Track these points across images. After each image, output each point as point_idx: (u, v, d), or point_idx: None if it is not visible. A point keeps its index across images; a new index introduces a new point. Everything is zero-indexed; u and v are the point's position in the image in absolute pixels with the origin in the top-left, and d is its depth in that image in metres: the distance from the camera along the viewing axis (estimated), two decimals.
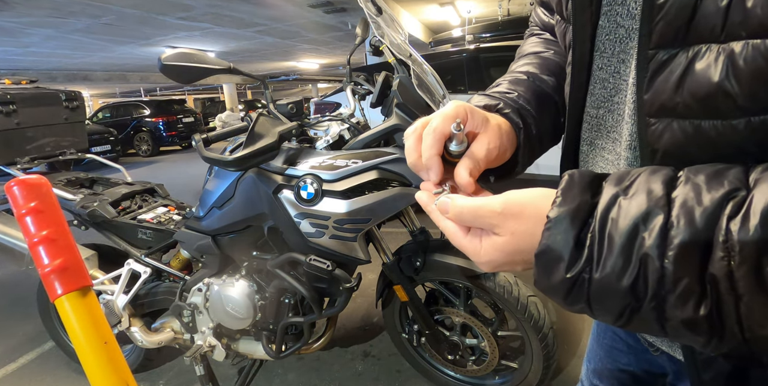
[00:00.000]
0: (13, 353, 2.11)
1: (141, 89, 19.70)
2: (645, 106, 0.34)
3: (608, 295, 0.29)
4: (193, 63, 1.02)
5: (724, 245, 0.25)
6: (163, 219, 1.65)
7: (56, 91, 2.05)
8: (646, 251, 0.27)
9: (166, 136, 10.77)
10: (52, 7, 5.53)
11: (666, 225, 0.27)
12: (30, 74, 10.44)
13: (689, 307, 0.26)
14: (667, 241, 0.27)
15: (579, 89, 0.46)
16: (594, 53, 0.43)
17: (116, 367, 0.55)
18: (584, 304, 0.31)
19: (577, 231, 0.30)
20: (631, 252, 0.28)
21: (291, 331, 1.48)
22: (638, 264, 0.28)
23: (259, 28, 7.91)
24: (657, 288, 0.27)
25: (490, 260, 0.36)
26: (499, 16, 7.69)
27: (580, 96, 0.46)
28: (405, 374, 1.75)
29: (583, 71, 0.45)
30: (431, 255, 1.38)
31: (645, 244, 0.27)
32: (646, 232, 0.28)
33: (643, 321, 0.29)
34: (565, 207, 0.31)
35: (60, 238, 0.57)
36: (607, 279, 0.29)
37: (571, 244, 0.30)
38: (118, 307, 1.47)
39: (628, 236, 0.28)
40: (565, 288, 0.31)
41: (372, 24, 1.10)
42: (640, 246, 0.28)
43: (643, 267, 0.27)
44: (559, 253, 0.31)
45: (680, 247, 0.26)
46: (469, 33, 5.20)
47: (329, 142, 1.28)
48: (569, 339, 1.89)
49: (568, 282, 0.31)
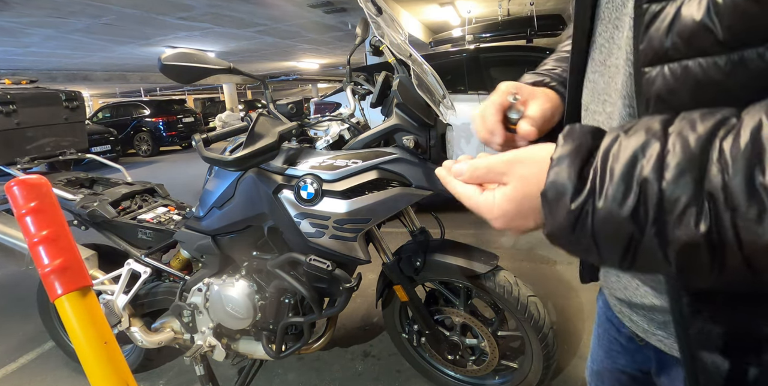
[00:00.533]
0: (13, 353, 2.11)
1: (141, 89, 19.69)
2: (640, 57, 0.36)
3: (611, 225, 0.30)
4: (193, 63, 1.02)
5: (719, 161, 0.27)
6: (163, 219, 1.65)
7: (56, 91, 2.05)
8: (645, 176, 0.29)
9: (166, 136, 10.77)
10: (52, 7, 5.53)
11: (663, 152, 0.29)
12: (30, 74, 10.44)
13: (689, 226, 0.27)
14: (664, 165, 0.29)
15: (579, 55, 0.49)
16: (595, 21, 0.46)
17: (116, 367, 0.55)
18: (590, 239, 0.32)
19: (580, 167, 0.32)
20: (631, 179, 0.29)
21: (291, 331, 1.48)
22: (638, 189, 0.29)
23: (259, 28, 7.91)
24: (657, 211, 0.28)
25: (504, 212, 0.38)
26: (499, 16, 7.68)
27: (580, 62, 0.49)
28: (405, 374, 1.75)
29: (584, 38, 0.47)
30: (431, 255, 1.38)
31: (644, 171, 0.29)
32: (644, 160, 0.29)
33: (648, 253, 0.30)
34: (568, 146, 0.33)
35: (60, 238, 0.57)
36: (609, 207, 0.30)
37: (575, 178, 0.32)
38: (118, 307, 1.47)
39: (627, 165, 0.30)
40: (570, 222, 0.32)
41: (372, 24, 1.10)
42: (640, 173, 0.29)
43: (643, 192, 0.29)
44: (563, 187, 0.32)
45: (677, 169, 0.28)
46: (469, 33, 5.20)
47: (329, 142, 1.28)
48: (569, 339, 1.89)
49: (573, 215, 0.32)
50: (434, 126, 1.15)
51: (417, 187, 1.16)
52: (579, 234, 0.33)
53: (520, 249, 2.96)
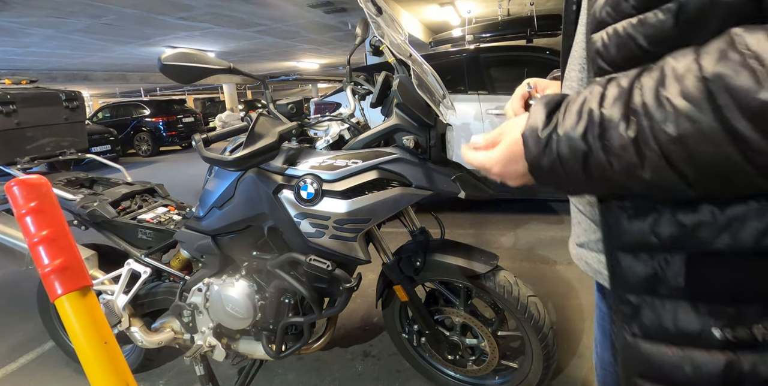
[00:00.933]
0: (14, 353, 2.11)
1: (141, 89, 19.68)
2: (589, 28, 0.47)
3: (569, 146, 0.43)
4: (193, 63, 1.02)
5: (639, 88, 0.38)
6: (163, 219, 1.65)
7: (56, 91, 2.05)
8: (590, 107, 0.41)
9: (166, 136, 10.76)
10: (52, 7, 5.53)
11: (604, 91, 0.41)
12: (30, 74, 10.44)
13: (622, 135, 0.39)
14: (604, 98, 0.41)
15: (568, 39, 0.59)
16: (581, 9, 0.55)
17: (116, 367, 0.55)
18: (557, 162, 0.44)
19: (549, 111, 0.46)
20: (582, 111, 0.42)
21: (291, 331, 1.48)
22: (586, 117, 0.42)
23: (259, 28, 7.91)
24: (600, 129, 0.40)
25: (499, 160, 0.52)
26: (499, 16, 7.67)
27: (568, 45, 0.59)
28: (405, 374, 1.75)
29: (570, 25, 0.57)
30: (431, 255, 1.38)
31: (590, 104, 0.42)
32: (590, 97, 0.42)
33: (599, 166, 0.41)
34: (540, 102, 0.48)
35: (60, 238, 0.57)
36: (566, 132, 0.43)
37: (544, 117, 0.46)
38: (118, 307, 1.47)
39: (579, 104, 0.43)
40: (541, 149, 0.45)
41: (372, 24, 1.10)
42: (587, 106, 0.42)
43: (590, 118, 0.41)
44: (535, 125, 0.46)
45: (611, 98, 0.40)
46: (469, 33, 5.19)
47: (329, 142, 1.28)
48: (569, 339, 1.89)
49: (542, 143, 0.45)
50: (434, 126, 1.15)
51: (417, 187, 1.16)
52: (548, 159, 0.45)
53: (520, 249, 2.96)
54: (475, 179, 1.22)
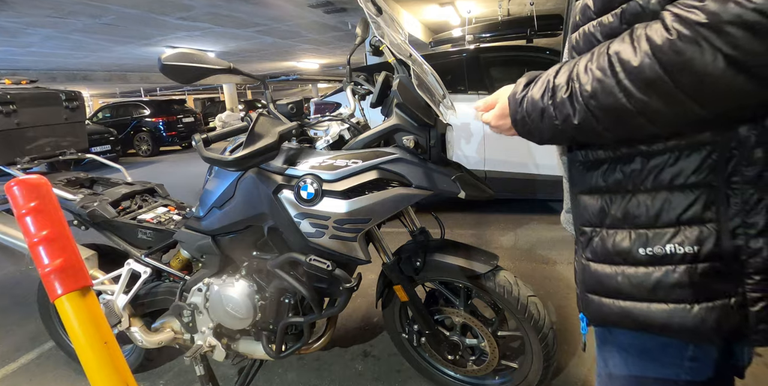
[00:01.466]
0: (14, 353, 2.11)
1: (141, 89, 19.67)
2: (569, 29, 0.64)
3: (533, 104, 0.61)
4: (193, 63, 1.02)
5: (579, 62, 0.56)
6: (163, 219, 1.65)
7: (56, 91, 2.05)
8: (548, 78, 0.60)
9: (166, 136, 10.76)
10: (52, 7, 5.53)
11: (559, 68, 0.59)
12: (30, 74, 10.45)
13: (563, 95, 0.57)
14: (558, 72, 0.59)
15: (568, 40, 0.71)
16: None
17: (116, 367, 0.55)
18: (525, 113, 0.63)
19: (527, 82, 0.65)
20: (546, 80, 0.60)
21: (291, 331, 1.48)
22: (545, 84, 0.60)
23: (259, 28, 7.90)
24: (551, 92, 0.58)
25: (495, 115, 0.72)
26: (499, 16, 7.67)
27: None
28: (405, 374, 1.75)
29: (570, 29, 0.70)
30: (431, 255, 1.38)
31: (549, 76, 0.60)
32: (551, 72, 0.60)
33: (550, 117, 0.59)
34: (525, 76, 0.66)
35: (60, 238, 0.57)
36: (533, 93, 0.62)
37: (523, 86, 0.65)
38: (118, 307, 1.47)
39: (545, 77, 0.61)
40: (517, 103, 0.65)
41: (372, 24, 1.10)
42: (547, 78, 0.60)
43: (546, 85, 0.60)
44: (517, 90, 0.66)
45: (562, 70, 0.58)
46: (469, 33, 5.18)
47: (329, 142, 1.28)
48: (569, 339, 1.89)
49: (518, 100, 0.64)
50: (434, 126, 1.15)
51: (417, 187, 1.16)
52: (520, 115, 0.64)
53: (520, 249, 2.96)
54: (475, 179, 1.22)
